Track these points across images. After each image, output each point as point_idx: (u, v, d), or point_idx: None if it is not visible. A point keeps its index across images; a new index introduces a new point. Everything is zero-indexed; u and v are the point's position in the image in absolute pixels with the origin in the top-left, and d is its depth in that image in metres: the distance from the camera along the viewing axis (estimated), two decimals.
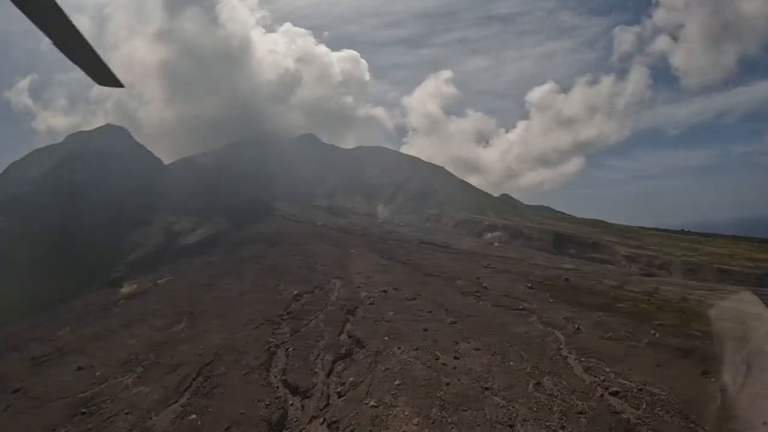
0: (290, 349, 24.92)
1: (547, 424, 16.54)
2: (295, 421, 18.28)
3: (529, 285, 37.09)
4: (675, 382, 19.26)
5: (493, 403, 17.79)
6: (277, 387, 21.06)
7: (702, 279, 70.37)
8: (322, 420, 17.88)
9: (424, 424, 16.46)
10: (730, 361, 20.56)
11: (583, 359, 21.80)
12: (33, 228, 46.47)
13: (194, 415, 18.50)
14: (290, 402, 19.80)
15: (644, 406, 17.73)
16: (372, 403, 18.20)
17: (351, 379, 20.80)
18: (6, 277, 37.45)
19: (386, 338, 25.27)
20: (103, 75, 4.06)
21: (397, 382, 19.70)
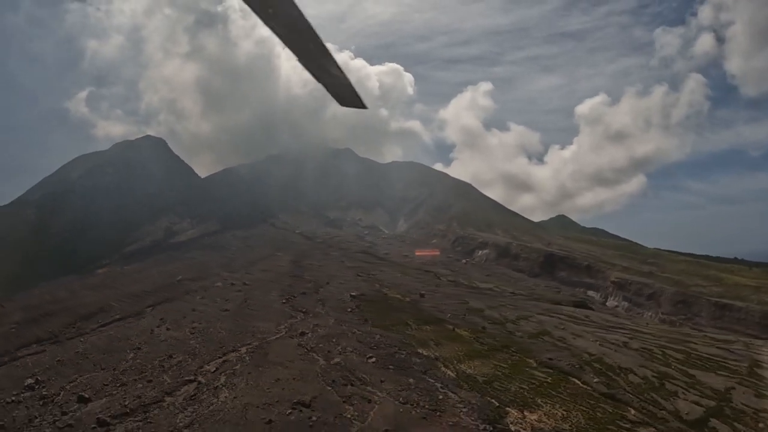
0: (116, 309, 37.25)
1: (123, 381, 23.55)
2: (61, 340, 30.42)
3: (354, 294, 42.06)
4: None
5: (119, 358, 25.10)
6: (81, 328, 33.51)
7: (693, 314, 64.35)
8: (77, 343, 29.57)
9: (72, 365, 26.23)
10: None
11: (242, 361, 24.75)
12: (54, 222, 67.76)
13: (13, 330, 32.06)
14: (78, 336, 31.97)
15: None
16: (80, 347, 29.36)
17: (108, 330, 32.30)
18: (21, 260, 57.56)
19: (167, 311, 36.06)
20: (347, 95, 4.09)
21: (107, 335, 30.24)
